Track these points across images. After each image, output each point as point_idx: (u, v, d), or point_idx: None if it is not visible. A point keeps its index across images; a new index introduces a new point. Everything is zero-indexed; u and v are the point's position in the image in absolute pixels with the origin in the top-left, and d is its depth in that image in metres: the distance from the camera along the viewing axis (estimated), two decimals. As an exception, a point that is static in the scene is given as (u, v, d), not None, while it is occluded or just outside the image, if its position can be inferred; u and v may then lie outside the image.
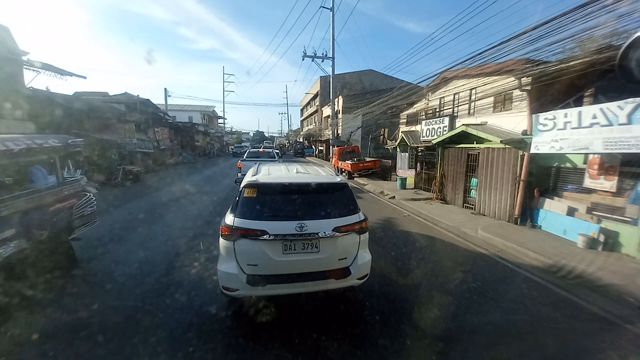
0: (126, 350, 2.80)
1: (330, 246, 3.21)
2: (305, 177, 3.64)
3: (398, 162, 14.61)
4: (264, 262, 3.06)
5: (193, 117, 42.98)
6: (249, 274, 3.04)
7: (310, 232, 3.09)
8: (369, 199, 11.11)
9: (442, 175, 10.28)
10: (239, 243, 3.06)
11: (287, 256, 3.11)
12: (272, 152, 16.19)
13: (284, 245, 3.11)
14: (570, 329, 3.40)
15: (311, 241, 3.16)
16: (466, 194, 9.38)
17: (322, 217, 3.24)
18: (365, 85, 34.19)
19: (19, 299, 3.39)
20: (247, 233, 3.05)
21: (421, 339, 3.10)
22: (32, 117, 11.56)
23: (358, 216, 3.42)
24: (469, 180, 9.28)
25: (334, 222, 3.23)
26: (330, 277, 3.20)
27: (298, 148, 40.88)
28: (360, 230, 3.38)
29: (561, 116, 6.03)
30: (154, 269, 4.53)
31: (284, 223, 3.11)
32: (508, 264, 5.18)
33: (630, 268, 4.96)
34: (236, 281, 3.04)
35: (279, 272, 3.13)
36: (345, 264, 3.29)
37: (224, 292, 3.15)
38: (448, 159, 10.00)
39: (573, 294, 4.15)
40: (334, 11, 23.72)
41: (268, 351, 2.85)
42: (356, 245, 3.38)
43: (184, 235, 6.18)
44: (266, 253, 3.05)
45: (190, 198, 10.11)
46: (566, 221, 6.59)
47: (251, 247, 3.06)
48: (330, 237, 3.16)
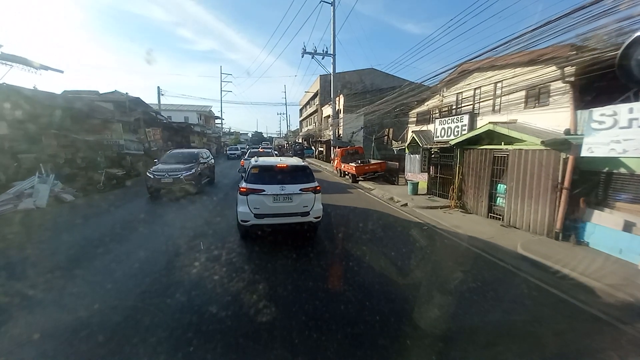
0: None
1: (298, 199, 5.72)
2: (284, 162, 6.28)
3: (407, 164, 13.48)
4: (263, 206, 5.57)
5: (189, 118, 41.71)
6: (255, 213, 5.55)
7: (287, 192, 5.65)
8: (377, 206, 9.97)
9: (461, 180, 9.16)
10: (250, 197, 5.56)
11: (276, 204, 5.63)
12: (270, 152, 15.76)
13: (274, 198, 5.60)
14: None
15: (288, 196, 5.66)
16: (491, 201, 8.26)
17: (294, 183, 5.79)
18: (366, 84, 33.13)
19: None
20: (254, 191, 5.58)
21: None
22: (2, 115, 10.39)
23: (314, 184, 5.96)
24: (495, 187, 8.16)
25: (300, 186, 5.78)
26: (299, 215, 5.74)
27: (297, 149, 39.65)
28: (315, 191, 5.87)
29: (624, 111, 4.91)
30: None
31: (274, 186, 5.65)
32: (575, 303, 3.99)
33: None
34: (248, 217, 5.56)
35: (271, 212, 5.62)
36: (307, 210, 5.77)
37: (241, 223, 5.67)
38: (469, 161, 8.89)
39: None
40: (335, 5, 22.61)
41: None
42: (313, 200, 5.84)
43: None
44: (264, 202, 5.57)
45: (173, 215, 8.75)
46: (622, 238, 5.48)
47: (256, 199, 5.56)
48: (298, 194, 5.71)
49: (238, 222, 5.77)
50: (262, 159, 7.11)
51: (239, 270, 4.56)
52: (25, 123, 11.15)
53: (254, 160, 6.68)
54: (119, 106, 18.84)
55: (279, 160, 6.56)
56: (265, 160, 6.77)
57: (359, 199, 11.24)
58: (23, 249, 5.48)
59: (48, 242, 5.88)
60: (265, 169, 5.94)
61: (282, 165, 6.00)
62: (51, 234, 6.43)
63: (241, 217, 5.59)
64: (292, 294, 3.92)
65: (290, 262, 5.01)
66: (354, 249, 5.73)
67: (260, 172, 5.86)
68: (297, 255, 5.27)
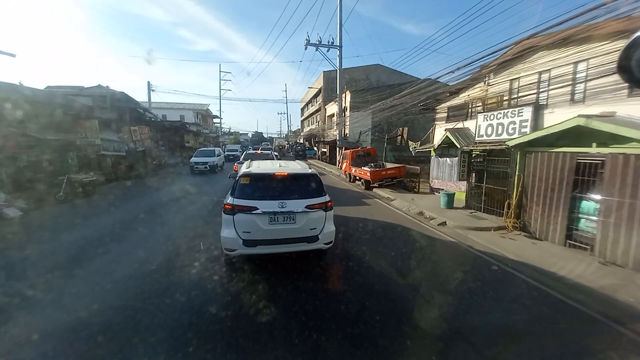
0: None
1: (304, 219, 4.30)
2: (285, 169, 4.75)
3: (433, 169, 11.27)
4: (255, 229, 4.15)
5: (185, 116, 39.68)
6: (244, 239, 4.12)
7: (289, 209, 4.22)
8: (404, 222, 7.75)
9: (521, 193, 6.94)
10: (237, 216, 4.14)
11: (273, 226, 4.20)
12: (270, 154, 13.76)
13: (270, 218, 4.19)
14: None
15: (290, 215, 4.24)
16: (571, 224, 6.05)
17: (298, 197, 4.38)
18: (372, 81, 31.07)
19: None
20: (243, 209, 4.15)
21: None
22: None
23: (324, 198, 4.53)
24: (577, 204, 5.96)
25: (306, 201, 4.36)
26: (304, 241, 4.34)
27: (299, 150, 37.54)
28: (326, 208, 4.47)
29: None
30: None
31: (270, 202, 4.22)
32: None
33: None
34: (235, 244, 4.13)
35: (266, 237, 4.20)
36: (315, 233, 4.37)
37: (225, 252, 4.29)
38: (534, 169, 6.67)
39: None
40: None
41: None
42: (323, 219, 4.46)
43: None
44: (257, 223, 4.15)
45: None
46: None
47: (246, 219, 4.14)
48: (303, 212, 4.28)
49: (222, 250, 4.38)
50: (257, 163, 5.59)
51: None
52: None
53: (246, 166, 5.12)
54: (99, 101, 16.64)
55: (279, 167, 5.06)
56: (261, 166, 5.20)
57: (378, 212, 9.03)
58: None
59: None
60: (259, 178, 4.52)
61: (282, 174, 4.53)
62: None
63: (225, 244, 4.18)
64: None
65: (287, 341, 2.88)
66: (393, 314, 3.52)
67: (253, 182, 4.44)
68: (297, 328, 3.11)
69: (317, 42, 21.35)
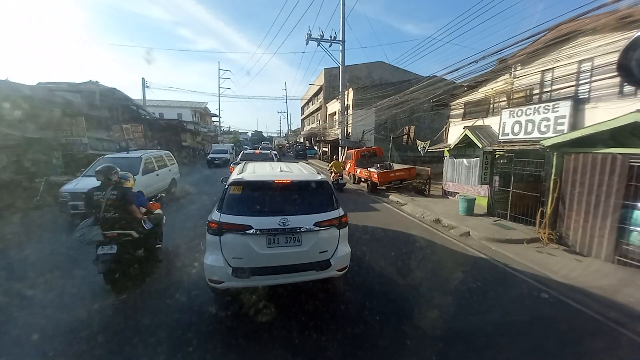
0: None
1: (312, 240, 3.34)
2: (288, 175, 3.78)
3: (447, 171, 10.39)
4: (249, 255, 3.17)
5: (183, 114, 38.72)
6: (234, 267, 3.15)
7: (292, 226, 3.23)
8: (422, 233, 6.87)
9: (557, 200, 6.07)
10: (225, 237, 3.17)
11: (271, 249, 3.23)
12: (269, 154, 13.45)
13: (268, 239, 3.22)
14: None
15: (294, 235, 3.28)
16: (620, 237, 5.17)
17: (304, 212, 3.39)
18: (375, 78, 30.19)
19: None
20: (233, 228, 3.18)
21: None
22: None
23: (338, 212, 3.55)
24: (629, 214, 5.09)
25: (315, 217, 3.37)
26: (312, 268, 3.35)
27: (299, 149, 36.69)
28: (339, 224, 3.50)
29: None
30: None
31: (268, 218, 3.24)
32: None
33: None
34: (222, 274, 3.14)
35: (263, 264, 3.23)
36: (326, 257, 3.41)
37: (210, 284, 3.26)
38: (575, 172, 5.79)
39: None
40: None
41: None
42: (336, 239, 3.50)
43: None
44: (251, 246, 3.17)
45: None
46: None
47: (237, 241, 3.18)
48: (311, 231, 3.31)
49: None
50: (251, 167, 4.51)
51: None
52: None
53: (237, 171, 4.10)
54: (89, 98, 15.70)
55: (279, 172, 4.05)
56: (257, 170, 4.15)
57: (390, 219, 8.15)
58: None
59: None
60: (254, 187, 3.53)
61: (284, 181, 3.58)
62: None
63: (210, 275, 3.20)
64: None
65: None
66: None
67: (246, 192, 3.46)
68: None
69: (318, 36, 20.44)
